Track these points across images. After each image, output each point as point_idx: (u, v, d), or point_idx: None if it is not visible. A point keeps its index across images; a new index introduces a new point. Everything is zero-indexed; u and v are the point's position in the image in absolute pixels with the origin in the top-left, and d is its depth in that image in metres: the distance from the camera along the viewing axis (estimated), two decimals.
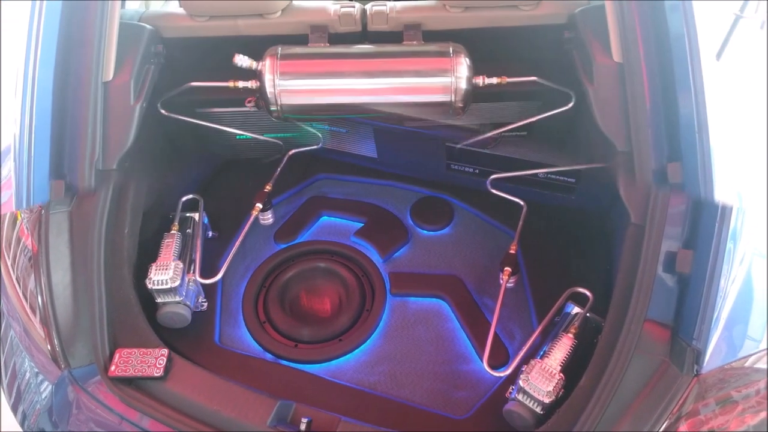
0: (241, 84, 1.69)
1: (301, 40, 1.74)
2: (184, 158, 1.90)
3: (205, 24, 1.76)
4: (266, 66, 1.65)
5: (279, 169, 1.97)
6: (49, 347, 1.41)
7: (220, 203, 1.91)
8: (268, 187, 1.92)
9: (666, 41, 1.32)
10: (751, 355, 1.20)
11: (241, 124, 2.00)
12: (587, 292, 1.58)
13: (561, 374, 1.39)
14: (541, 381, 1.37)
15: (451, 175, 2.09)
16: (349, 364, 1.67)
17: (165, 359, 1.40)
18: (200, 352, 1.63)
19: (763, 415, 1.17)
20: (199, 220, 1.81)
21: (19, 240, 1.58)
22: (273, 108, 1.70)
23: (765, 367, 1.19)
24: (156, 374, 1.37)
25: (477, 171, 2.03)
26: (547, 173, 1.87)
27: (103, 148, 1.49)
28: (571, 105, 1.69)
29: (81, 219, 1.47)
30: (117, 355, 1.40)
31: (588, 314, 1.56)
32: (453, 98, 1.63)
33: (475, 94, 1.69)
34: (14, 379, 1.57)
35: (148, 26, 1.70)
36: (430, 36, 1.73)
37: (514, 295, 1.79)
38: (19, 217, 1.64)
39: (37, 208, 1.49)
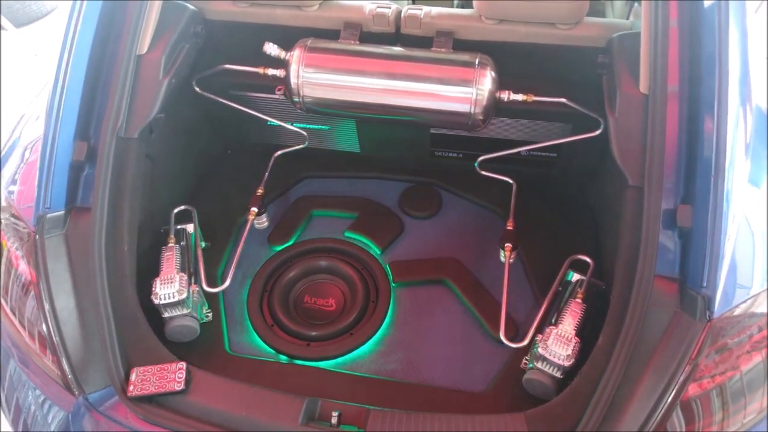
0: (270, 71, 1.72)
1: (336, 35, 1.75)
2: (172, 169, 1.86)
3: (246, 10, 1.78)
4: (294, 56, 1.66)
5: (267, 172, 1.96)
6: (60, 375, 1.36)
7: (207, 212, 1.88)
8: (260, 191, 1.90)
9: (699, 74, 1.26)
10: (743, 302, 1.23)
11: (273, 111, 2.01)
12: (587, 259, 1.64)
13: (576, 338, 1.44)
14: (558, 346, 1.41)
15: (435, 161, 2.12)
16: (363, 356, 1.68)
17: (184, 372, 1.38)
18: (213, 362, 1.61)
19: (757, 358, 1.24)
20: (195, 230, 1.78)
21: (9, 270, 1.52)
22: (296, 99, 1.71)
23: (757, 311, 1.25)
24: (177, 388, 1.35)
25: (461, 155, 2.07)
26: (530, 150, 1.92)
27: (128, 117, 1.51)
28: (599, 132, 1.64)
29: (78, 240, 1.42)
30: (133, 375, 1.36)
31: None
32: (472, 109, 1.61)
33: (501, 109, 1.66)
34: (19, 415, 1.51)
35: (190, 6, 1.72)
36: (463, 45, 1.70)
37: (511, 270, 1.83)
38: (5, 246, 1.57)
39: (30, 234, 1.44)
